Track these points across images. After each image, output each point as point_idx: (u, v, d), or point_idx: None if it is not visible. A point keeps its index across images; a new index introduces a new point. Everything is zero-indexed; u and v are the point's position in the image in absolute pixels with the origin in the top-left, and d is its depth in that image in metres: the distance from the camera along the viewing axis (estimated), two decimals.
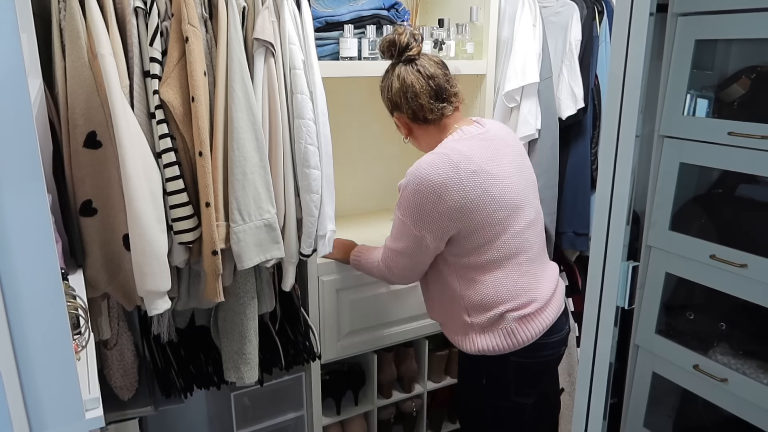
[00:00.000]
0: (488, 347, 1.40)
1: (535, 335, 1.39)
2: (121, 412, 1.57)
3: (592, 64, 1.96)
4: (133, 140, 1.20)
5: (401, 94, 1.43)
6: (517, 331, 1.38)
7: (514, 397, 1.47)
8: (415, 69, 1.42)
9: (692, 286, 1.13)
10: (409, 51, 1.42)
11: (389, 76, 1.46)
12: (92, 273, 1.25)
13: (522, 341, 1.39)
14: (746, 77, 1.09)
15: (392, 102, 1.46)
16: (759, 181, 1.10)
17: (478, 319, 1.40)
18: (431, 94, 1.42)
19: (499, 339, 1.40)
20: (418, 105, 1.42)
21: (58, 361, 0.72)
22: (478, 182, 1.33)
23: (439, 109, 1.43)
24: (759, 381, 1.03)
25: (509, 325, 1.38)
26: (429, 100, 1.42)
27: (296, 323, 1.73)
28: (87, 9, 1.16)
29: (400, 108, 1.45)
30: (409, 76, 1.42)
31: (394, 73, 1.44)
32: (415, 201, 1.34)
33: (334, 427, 1.96)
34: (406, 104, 1.43)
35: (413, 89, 1.41)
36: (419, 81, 1.41)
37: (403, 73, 1.43)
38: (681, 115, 1.09)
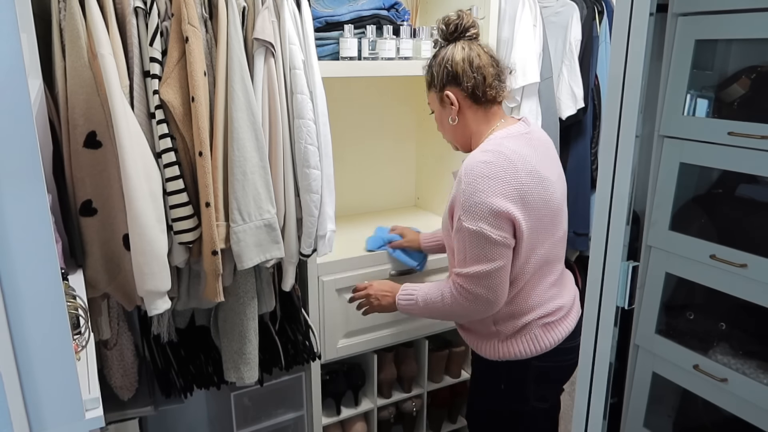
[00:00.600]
0: (511, 353, 1.39)
1: (557, 341, 1.39)
2: (121, 412, 1.57)
3: (592, 64, 1.97)
4: (133, 140, 1.20)
5: (466, 64, 1.35)
6: (541, 337, 1.37)
7: (534, 402, 1.45)
8: (479, 45, 1.38)
9: (692, 286, 1.13)
10: (472, 30, 1.38)
11: (448, 50, 1.38)
12: (92, 273, 1.25)
13: (544, 347, 1.38)
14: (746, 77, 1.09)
15: (450, 74, 1.36)
16: (759, 181, 1.10)
17: (504, 327, 1.38)
18: (495, 72, 1.37)
19: (522, 346, 1.38)
20: (481, 78, 1.35)
21: (58, 361, 0.71)
22: (534, 182, 1.29)
23: (498, 90, 1.37)
24: (759, 381, 1.03)
25: (534, 331, 1.37)
26: (493, 75, 1.36)
27: (296, 323, 1.73)
28: (87, 9, 1.16)
29: (458, 80, 1.36)
30: (474, 50, 1.36)
31: (456, 47, 1.37)
32: (485, 200, 1.25)
33: (334, 427, 1.96)
34: (468, 76, 1.35)
35: (480, 60, 1.35)
36: (484, 55, 1.37)
37: (467, 47, 1.36)
38: (681, 115, 1.09)
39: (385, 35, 1.70)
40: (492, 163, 1.27)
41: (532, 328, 1.37)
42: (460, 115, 1.40)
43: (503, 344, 1.40)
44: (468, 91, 1.36)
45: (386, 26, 1.73)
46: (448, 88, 1.38)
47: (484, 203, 1.25)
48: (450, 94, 1.38)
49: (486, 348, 1.43)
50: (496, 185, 1.25)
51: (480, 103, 1.38)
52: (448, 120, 1.41)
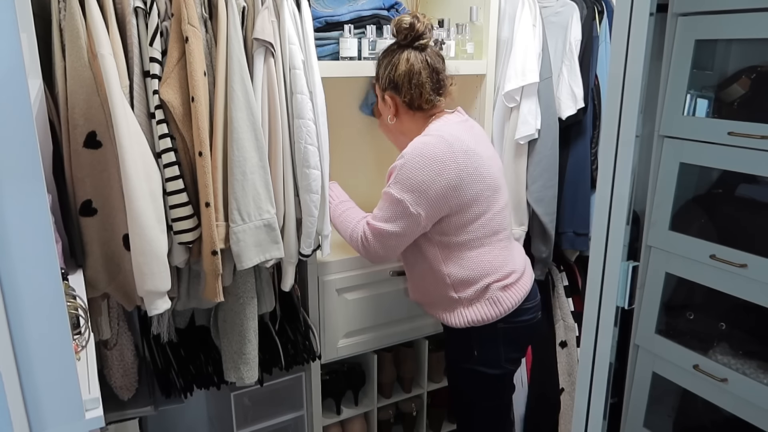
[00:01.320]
0: (477, 318, 1.48)
1: (517, 301, 1.49)
2: (121, 412, 1.57)
3: (592, 64, 1.96)
4: (133, 140, 1.20)
5: (406, 78, 1.45)
6: (502, 299, 1.47)
7: (504, 363, 1.54)
8: (424, 58, 1.46)
9: (692, 286, 1.13)
10: (422, 39, 1.46)
11: (396, 55, 1.47)
12: (92, 273, 1.25)
13: (507, 308, 1.47)
14: (746, 77, 1.09)
15: (392, 81, 1.48)
16: (759, 181, 1.10)
17: (464, 293, 1.47)
18: (433, 86, 1.47)
19: (486, 309, 1.48)
20: (418, 93, 1.46)
21: (58, 361, 0.71)
22: (470, 161, 1.40)
23: (434, 102, 1.48)
24: (759, 381, 1.03)
25: (494, 294, 1.47)
26: (430, 91, 1.46)
27: (296, 323, 1.73)
28: (87, 9, 1.16)
29: (398, 90, 1.47)
30: (418, 64, 1.45)
31: (402, 55, 1.46)
32: (416, 177, 1.37)
33: (334, 427, 1.96)
34: (406, 88, 1.46)
35: (419, 77, 1.45)
36: (426, 71, 1.46)
37: (413, 59, 1.45)
38: (681, 115, 1.09)
39: (385, 35, 1.70)
40: (431, 144, 1.39)
41: (492, 292, 1.47)
42: (397, 117, 1.53)
43: (468, 310, 1.49)
44: (405, 103, 1.49)
45: (386, 26, 1.73)
46: (388, 93, 1.50)
47: (416, 179, 1.37)
48: (389, 98, 1.51)
49: (453, 317, 1.51)
50: (433, 164, 1.37)
51: (416, 111, 1.50)
52: (386, 116, 1.54)
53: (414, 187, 1.38)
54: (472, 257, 1.46)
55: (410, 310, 1.89)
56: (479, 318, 1.48)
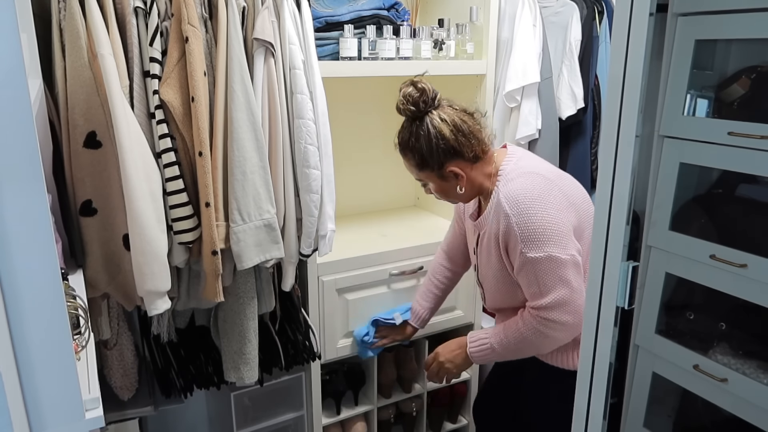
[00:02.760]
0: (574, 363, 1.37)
1: None
2: (121, 412, 1.57)
3: (592, 64, 1.96)
4: (133, 140, 1.20)
5: (459, 136, 1.30)
6: None
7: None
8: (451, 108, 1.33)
9: (692, 286, 1.13)
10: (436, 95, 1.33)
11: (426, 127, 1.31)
12: (92, 273, 1.25)
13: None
14: (746, 77, 1.09)
15: (446, 151, 1.31)
16: (759, 181, 1.10)
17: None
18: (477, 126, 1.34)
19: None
20: (476, 141, 1.32)
21: (58, 361, 0.71)
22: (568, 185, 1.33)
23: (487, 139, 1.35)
24: (759, 381, 1.03)
25: None
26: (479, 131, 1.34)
27: (296, 323, 1.73)
28: (87, 9, 1.16)
29: (460, 154, 1.31)
30: (452, 115, 1.31)
31: (433, 120, 1.30)
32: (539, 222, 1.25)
33: (334, 427, 1.96)
34: (466, 145, 1.31)
35: (466, 126, 1.31)
36: (464, 116, 1.33)
37: (445, 116, 1.31)
38: (681, 115, 1.09)
39: (385, 35, 1.70)
40: (529, 185, 1.27)
41: None
42: (467, 182, 1.36)
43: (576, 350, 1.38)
44: (471, 159, 1.33)
45: (386, 26, 1.73)
46: (450, 164, 1.33)
47: (543, 226, 1.24)
48: (454, 168, 1.33)
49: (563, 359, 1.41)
50: (546, 202, 1.26)
51: (479, 160, 1.35)
52: (454, 189, 1.37)
53: (545, 233, 1.25)
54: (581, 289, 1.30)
55: None
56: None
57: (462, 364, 1.48)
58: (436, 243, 1.89)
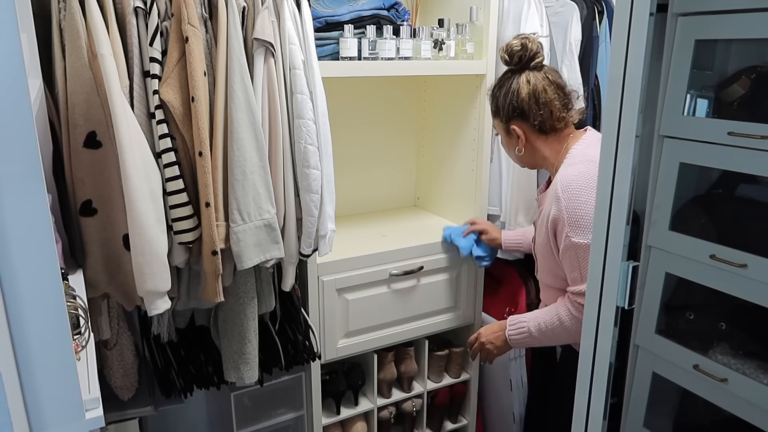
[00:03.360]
0: None
1: None
2: (121, 412, 1.57)
3: (592, 64, 1.96)
4: (133, 140, 1.20)
5: (532, 101, 1.36)
6: None
7: None
8: (545, 76, 1.38)
9: (692, 286, 1.13)
10: (537, 59, 1.37)
11: (514, 81, 1.37)
12: (92, 273, 1.25)
13: None
14: (746, 77, 1.09)
15: (516, 109, 1.37)
16: (759, 181, 1.10)
17: None
18: (562, 103, 1.38)
19: None
20: (548, 113, 1.37)
21: (58, 361, 0.71)
22: None
23: (567, 119, 1.39)
24: (759, 381, 1.03)
25: None
26: (560, 108, 1.38)
27: (296, 323, 1.73)
28: (87, 9, 1.16)
29: (525, 116, 1.38)
30: (541, 83, 1.36)
31: (521, 78, 1.37)
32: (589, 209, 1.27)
33: (334, 427, 1.96)
34: (535, 112, 1.36)
35: (546, 96, 1.36)
36: (551, 87, 1.37)
37: (533, 80, 1.36)
38: (681, 115, 1.09)
39: (385, 35, 1.70)
40: (586, 172, 1.29)
41: None
42: (527, 146, 1.41)
43: None
44: (536, 127, 1.38)
45: (386, 26, 1.73)
46: (514, 123, 1.40)
47: (591, 213, 1.26)
48: (516, 128, 1.40)
49: None
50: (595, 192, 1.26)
51: (548, 133, 1.40)
52: (513, 147, 1.44)
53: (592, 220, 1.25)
54: None
55: (410, 310, 1.89)
56: None
57: (502, 346, 1.52)
58: (436, 243, 1.89)
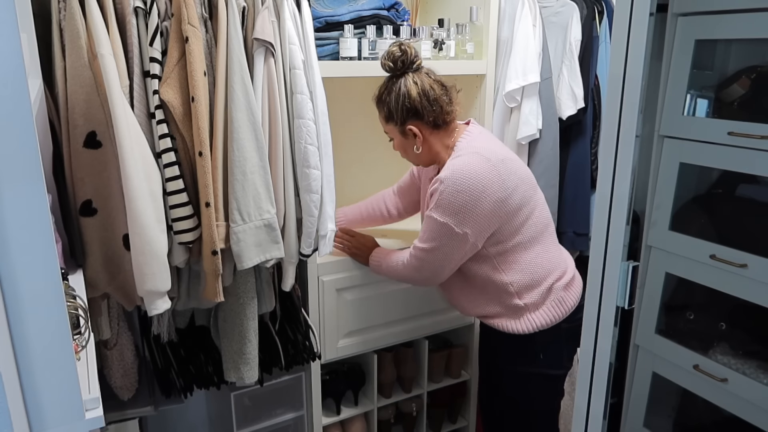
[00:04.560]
0: (545, 321, 1.48)
1: (578, 298, 1.50)
2: (121, 412, 1.57)
3: (592, 64, 1.96)
4: (133, 140, 1.20)
5: (423, 100, 1.44)
6: (565, 299, 1.49)
7: (566, 363, 1.56)
8: (427, 76, 1.46)
9: (692, 286, 1.13)
10: (417, 61, 1.46)
11: (399, 86, 1.45)
12: (92, 273, 1.25)
13: (570, 306, 1.49)
14: (746, 77, 1.09)
15: (409, 110, 1.45)
16: (759, 181, 1.10)
17: (530, 299, 1.47)
18: (447, 98, 1.47)
19: (552, 310, 1.48)
20: (438, 108, 1.45)
21: (58, 361, 0.71)
22: (508, 169, 1.41)
23: (453, 112, 1.48)
24: (759, 381, 1.03)
25: (558, 294, 1.47)
26: (447, 103, 1.46)
27: (296, 323, 1.73)
28: (87, 9, 1.16)
29: (419, 115, 1.45)
30: (425, 82, 1.45)
31: (407, 81, 1.45)
32: (458, 201, 1.37)
33: (334, 427, 1.96)
34: (428, 109, 1.44)
35: (434, 93, 1.44)
36: (435, 85, 1.45)
37: (419, 80, 1.45)
38: (681, 115, 1.09)
39: (385, 35, 1.70)
40: (470, 163, 1.39)
41: (556, 292, 1.48)
42: (424, 144, 1.50)
43: (535, 314, 1.48)
44: (430, 123, 1.47)
45: (386, 26, 1.73)
46: (410, 123, 1.48)
47: (457, 202, 1.37)
48: (413, 127, 1.48)
49: (520, 324, 1.50)
50: (477, 184, 1.36)
51: (440, 128, 1.49)
52: (412, 147, 1.52)
53: (457, 209, 1.37)
54: (530, 259, 1.46)
55: (410, 310, 1.89)
56: (547, 321, 1.47)
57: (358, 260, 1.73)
58: None
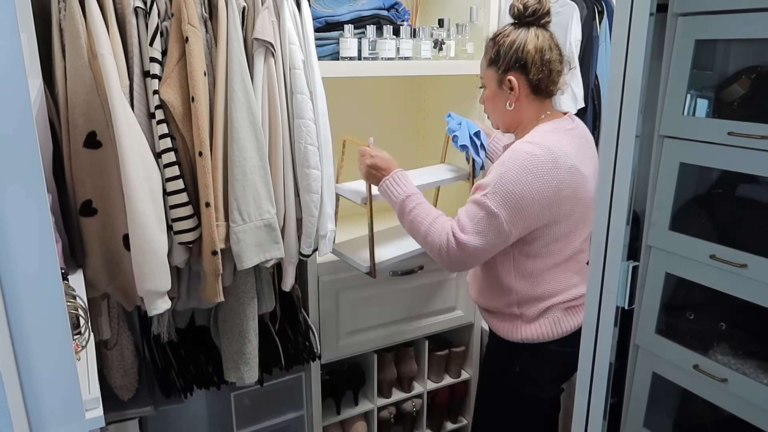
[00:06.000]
0: (533, 335, 1.42)
1: (577, 325, 1.41)
2: (121, 412, 1.57)
3: (592, 64, 1.96)
4: (133, 140, 1.20)
5: (537, 56, 1.34)
6: (563, 320, 1.42)
7: (547, 386, 1.49)
8: (551, 37, 1.38)
9: (692, 286, 1.13)
10: (547, 18, 1.38)
11: (522, 33, 1.36)
12: (92, 273, 1.25)
13: (565, 330, 1.42)
14: (746, 77, 1.09)
15: (520, 60, 1.35)
16: (759, 181, 1.10)
17: (528, 311, 1.42)
18: (560, 68, 1.38)
19: (544, 328, 1.42)
20: (547, 72, 1.36)
21: (58, 361, 0.71)
22: (572, 178, 1.32)
23: (558, 84, 1.39)
24: (759, 381, 1.03)
25: (556, 314, 1.41)
26: (558, 72, 1.38)
27: (296, 323, 1.73)
28: (87, 9, 1.16)
29: (526, 69, 1.36)
30: (546, 40, 1.36)
31: (530, 32, 1.35)
32: (516, 191, 1.28)
33: (334, 427, 1.96)
34: (537, 67, 1.35)
35: (550, 54, 1.36)
36: (554, 48, 1.37)
37: (541, 36, 1.36)
38: (681, 115, 1.09)
39: (385, 35, 1.70)
40: (537, 156, 1.29)
41: (555, 312, 1.41)
42: (517, 102, 1.40)
43: (526, 326, 1.43)
44: (533, 82, 1.37)
45: (386, 26, 1.73)
46: (513, 74, 1.38)
47: (516, 194, 1.28)
48: (513, 79, 1.38)
49: (508, 329, 1.46)
50: (534, 181, 1.28)
51: (538, 95, 1.40)
52: (502, 102, 1.41)
53: (513, 202, 1.28)
54: (545, 276, 1.39)
55: (410, 310, 1.89)
56: (535, 336, 1.42)
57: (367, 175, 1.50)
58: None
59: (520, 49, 1.35)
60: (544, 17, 1.37)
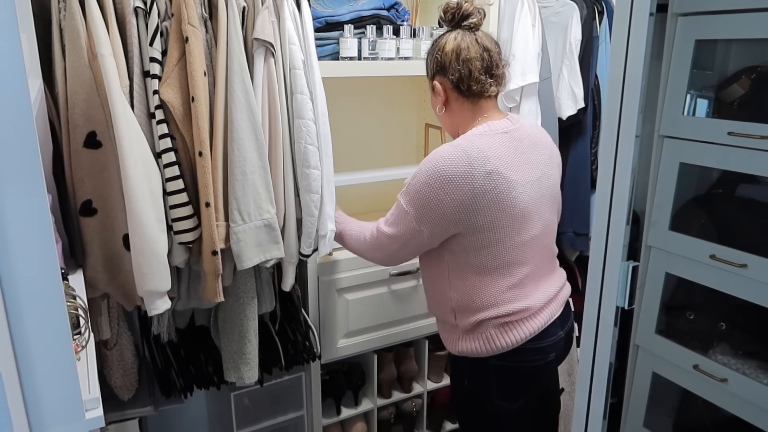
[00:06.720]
0: (468, 350, 1.39)
1: (515, 342, 1.35)
2: (121, 412, 1.57)
3: (592, 64, 1.96)
4: (133, 140, 1.20)
5: (453, 56, 1.35)
6: (496, 338, 1.35)
7: (496, 400, 1.43)
8: (473, 37, 1.37)
9: (692, 286, 1.13)
10: (470, 19, 1.38)
11: (443, 38, 1.39)
12: (92, 273, 1.25)
13: (500, 347, 1.35)
14: (746, 77, 1.09)
15: (439, 63, 1.38)
16: (759, 181, 1.10)
17: (462, 322, 1.39)
18: (483, 65, 1.36)
19: (477, 343, 1.37)
20: (467, 71, 1.35)
21: (58, 361, 0.72)
22: (490, 184, 1.26)
23: (484, 84, 1.36)
24: (759, 381, 1.03)
25: (489, 330, 1.35)
26: (479, 69, 1.35)
27: (296, 323, 1.73)
28: (87, 9, 1.16)
29: (445, 71, 1.37)
30: (466, 41, 1.36)
31: (450, 35, 1.38)
32: (423, 193, 1.29)
33: (334, 427, 1.96)
34: (455, 67, 1.36)
35: (467, 53, 1.35)
36: (474, 47, 1.36)
37: (460, 37, 1.37)
38: (681, 115, 1.09)
39: (385, 35, 1.70)
40: (449, 159, 1.28)
41: (488, 327, 1.36)
42: (446, 106, 1.42)
43: (461, 340, 1.41)
44: (453, 83, 1.38)
45: (386, 26, 1.73)
46: (437, 78, 1.40)
47: (422, 194, 1.30)
48: (437, 84, 1.40)
49: (450, 342, 1.46)
50: (445, 183, 1.27)
51: (465, 96, 1.38)
52: (437, 109, 1.45)
53: (420, 202, 1.30)
54: (475, 285, 1.35)
55: (410, 310, 1.89)
56: (470, 350, 1.38)
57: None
58: None
59: (439, 52, 1.38)
60: (467, 19, 1.38)
